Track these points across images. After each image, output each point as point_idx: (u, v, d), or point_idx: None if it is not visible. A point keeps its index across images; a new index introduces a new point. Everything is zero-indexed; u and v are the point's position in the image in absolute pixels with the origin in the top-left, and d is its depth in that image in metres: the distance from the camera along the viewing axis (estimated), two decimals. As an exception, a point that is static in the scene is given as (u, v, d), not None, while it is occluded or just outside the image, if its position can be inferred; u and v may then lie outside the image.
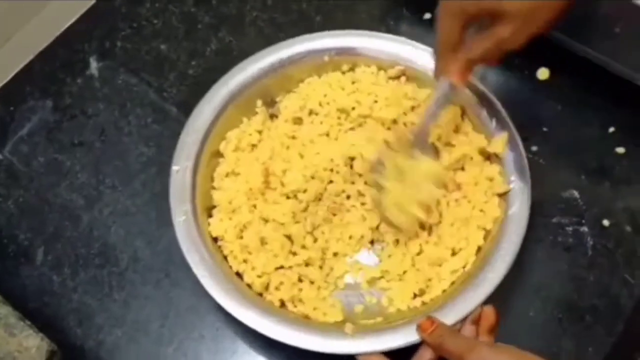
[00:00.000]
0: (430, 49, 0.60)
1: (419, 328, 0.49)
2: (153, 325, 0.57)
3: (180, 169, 0.57)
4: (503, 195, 0.56)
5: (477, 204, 0.56)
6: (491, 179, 0.57)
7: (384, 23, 0.71)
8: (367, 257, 0.57)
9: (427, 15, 0.70)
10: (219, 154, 0.60)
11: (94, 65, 0.70)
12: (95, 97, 0.68)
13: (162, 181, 0.63)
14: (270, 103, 0.63)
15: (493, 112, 0.58)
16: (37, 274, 0.60)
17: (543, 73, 0.67)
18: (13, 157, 0.65)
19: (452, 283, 0.54)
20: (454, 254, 0.56)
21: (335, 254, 0.57)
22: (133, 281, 0.59)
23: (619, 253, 0.59)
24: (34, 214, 0.62)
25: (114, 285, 0.59)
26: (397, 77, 0.62)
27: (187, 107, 0.66)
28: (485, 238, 0.55)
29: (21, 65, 0.70)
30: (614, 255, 0.59)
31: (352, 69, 0.63)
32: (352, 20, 0.72)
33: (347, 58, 0.63)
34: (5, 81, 0.69)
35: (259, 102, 0.62)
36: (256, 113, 0.62)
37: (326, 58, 0.62)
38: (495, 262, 0.52)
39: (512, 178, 0.56)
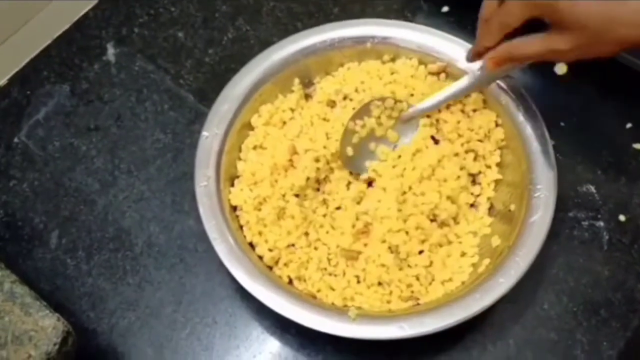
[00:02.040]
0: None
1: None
2: (166, 309, 0.57)
3: (210, 136, 0.57)
4: (528, 201, 0.55)
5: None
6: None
7: (402, 15, 0.70)
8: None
9: (445, 8, 0.70)
10: (249, 126, 0.60)
11: (111, 52, 0.70)
12: (111, 82, 0.68)
13: (178, 167, 0.63)
14: (308, 84, 0.63)
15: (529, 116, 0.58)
16: (51, 257, 0.60)
17: (561, 68, 0.65)
18: (29, 140, 0.65)
19: (462, 283, 0.54)
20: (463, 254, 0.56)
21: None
22: (147, 266, 0.59)
23: (635, 248, 0.58)
24: (49, 197, 0.62)
25: (128, 270, 0.59)
26: (437, 74, 0.62)
27: (203, 95, 0.67)
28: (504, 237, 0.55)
29: (38, 50, 0.70)
30: (630, 251, 0.58)
31: (393, 60, 0.63)
32: (369, 12, 0.72)
33: (389, 48, 0.62)
34: (22, 65, 0.69)
35: (297, 81, 0.62)
36: (292, 91, 0.62)
37: (368, 45, 0.62)
38: (509, 269, 0.52)
39: (539, 186, 0.55)
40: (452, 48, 0.61)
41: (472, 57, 0.54)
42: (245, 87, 0.60)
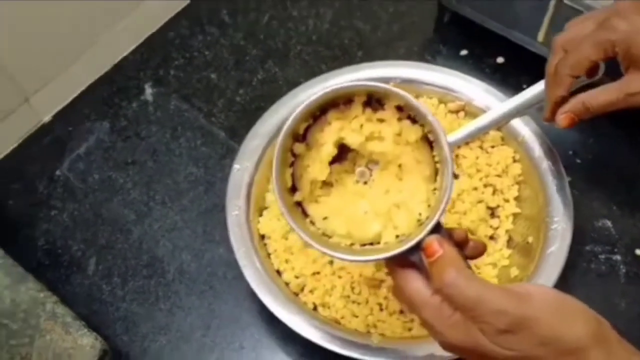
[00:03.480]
0: (489, 87, 0.64)
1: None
2: (196, 334, 0.59)
3: (241, 168, 0.61)
4: (545, 234, 0.57)
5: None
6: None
7: (422, 58, 0.74)
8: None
9: (464, 52, 0.74)
10: None
11: (148, 91, 0.74)
12: (148, 120, 0.72)
13: (209, 199, 0.67)
14: None
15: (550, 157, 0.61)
16: (88, 283, 0.63)
17: (576, 107, 0.69)
18: (70, 173, 0.69)
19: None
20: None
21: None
22: (178, 292, 0.62)
23: (652, 282, 0.60)
24: (87, 226, 0.66)
25: (160, 296, 0.62)
26: (457, 112, 0.66)
27: (233, 132, 0.70)
28: (522, 268, 0.57)
29: (81, 89, 0.75)
30: (646, 284, 0.60)
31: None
32: (391, 55, 0.76)
33: (411, 88, 0.65)
34: (65, 104, 0.74)
35: None
36: None
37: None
38: None
39: (556, 219, 0.57)
40: (470, 88, 0.65)
41: (550, 114, 0.52)
42: (274, 124, 0.64)
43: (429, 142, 0.44)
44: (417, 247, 0.40)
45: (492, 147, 0.63)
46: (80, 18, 0.70)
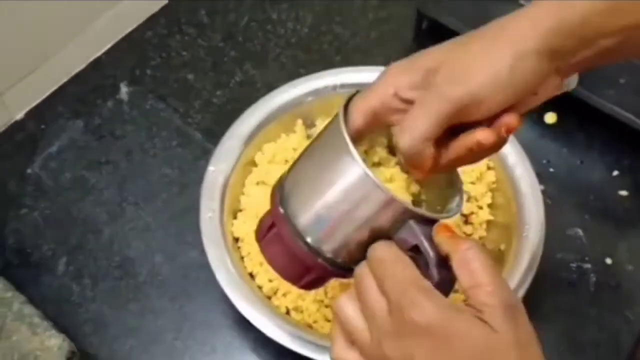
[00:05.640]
0: None
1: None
2: (166, 337, 0.59)
3: (216, 170, 0.60)
4: (517, 242, 0.57)
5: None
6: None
7: (400, 64, 0.74)
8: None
9: (442, 59, 0.74)
10: (253, 163, 0.63)
11: (124, 90, 0.74)
12: (123, 119, 0.71)
13: (183, 201, 0.66)
14: (310, 125, 0.66)
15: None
16: (58, 284, 0.62)
17: (551, 117, 0.70)
18: (41, 172, 0.68)
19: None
20: None
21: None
22: (149, 294, 0.61)
23: (621, 291, 0.61)
24: (58, 226, 0.65)
25: (131, 298, 0.61)
26: None
27: (210, 133, 0.70)
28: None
29: (55, 87, 0.74)
30: (616, 293, 0.61)
31: None
32: (369, 62, 0.76)
33: None
34: (38, 101, 0.73)
35: (299, 122, 0.65)
36: (295, 131, 0.65)
37: None
38: None
39: (528, 227, 0.57)
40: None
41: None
42: (251, 126, 0.63)
43: None
44: (431, 223, 0.38)
45: (467, 154, 0.64)
46: (57, 14, 0.69)
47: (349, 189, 0.38)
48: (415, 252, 0.38)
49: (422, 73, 0.38)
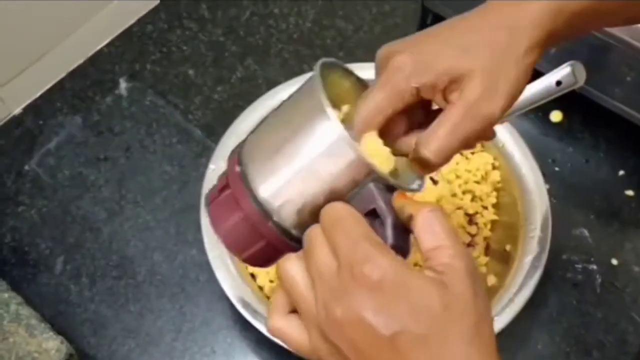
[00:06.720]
0: None
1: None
2: (166, 338, 0.58)
3: (216, 169, 0.59)
4: (523, 242, 0.57)
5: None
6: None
7: (404, 60, 0.73)
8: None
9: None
10: None
11: (123, 86, 0.72)
12: (122, 115, 0.70)
13: (183, 199, 0.65)
14: None
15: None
16: (55, 283, 0.61)
17: (556, 116, 0.69)
18: (39, 168, 0.67)
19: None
20: None
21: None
22: (148, 294, 0.60)
23: (627, 292, 0.60)
24: (55, 224, 0.64)
25: (130, 297, 0.60)
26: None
27: (210, 130, 0.69)
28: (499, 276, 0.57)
29: (53, 82, 0.72)
30: (622, 294, 0.60)
31: None
32: (372, 57, 0.74)
33: None
34: (36, 96, 0.72)
35: None
36: None
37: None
38: (504, 308, 0.53)
39: (534, 227, 0.57)
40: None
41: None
42: (252, 123, 0.62)
43: None
44: (391, 192, 0.35)
45: (472, 153, 0.63)
46: (56, 8, 0.68)
47: (317, 145, 0.35)
48: (372, 219, 0.36)
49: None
